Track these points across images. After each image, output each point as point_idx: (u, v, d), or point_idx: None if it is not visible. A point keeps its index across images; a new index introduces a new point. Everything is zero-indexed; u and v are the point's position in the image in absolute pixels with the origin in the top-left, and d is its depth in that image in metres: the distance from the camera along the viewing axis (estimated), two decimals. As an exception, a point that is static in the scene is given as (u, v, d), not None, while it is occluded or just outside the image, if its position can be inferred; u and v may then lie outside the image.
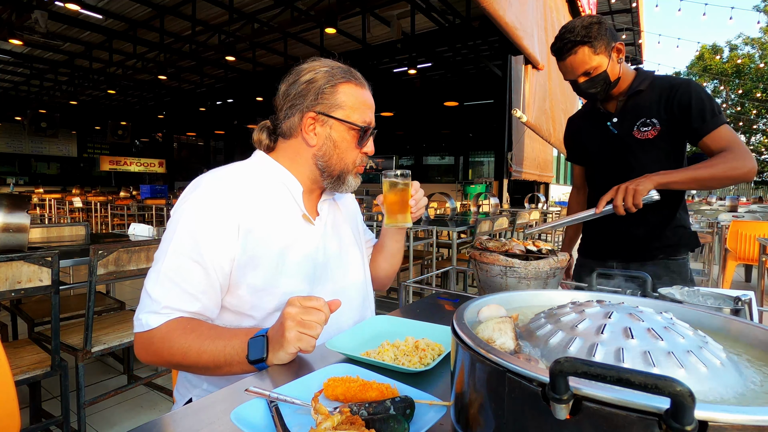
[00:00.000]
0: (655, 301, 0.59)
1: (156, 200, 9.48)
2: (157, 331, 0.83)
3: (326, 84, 0.95)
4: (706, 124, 1.33)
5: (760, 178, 26.29)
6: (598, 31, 1.37)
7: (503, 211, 5.93)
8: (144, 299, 0.86)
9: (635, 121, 1.46)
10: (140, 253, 1.99)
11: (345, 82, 0.97)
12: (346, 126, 0.97)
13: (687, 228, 1.52)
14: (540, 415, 0.33)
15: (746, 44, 24.99)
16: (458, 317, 0.48)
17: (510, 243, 1.10)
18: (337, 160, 0.98)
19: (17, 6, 7.71)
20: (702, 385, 0.38)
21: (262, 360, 0.77)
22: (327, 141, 0.97)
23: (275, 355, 0.77)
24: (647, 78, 1.47)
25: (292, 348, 0.75)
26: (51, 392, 2.39)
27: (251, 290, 0.90)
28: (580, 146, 1.70)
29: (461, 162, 17.69)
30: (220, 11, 8.89)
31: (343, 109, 0.96)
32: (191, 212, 0.88)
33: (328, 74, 0.96)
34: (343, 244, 1.09)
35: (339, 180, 1.00)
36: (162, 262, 0.86)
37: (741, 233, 4.26)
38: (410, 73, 11.42)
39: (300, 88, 0.96)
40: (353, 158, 1.00)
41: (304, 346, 0.76)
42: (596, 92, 1.44)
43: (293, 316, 0.76)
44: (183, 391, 0.99)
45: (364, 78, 1.03)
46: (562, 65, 1.45)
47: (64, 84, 14.05)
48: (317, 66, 0.98)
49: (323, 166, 0.99)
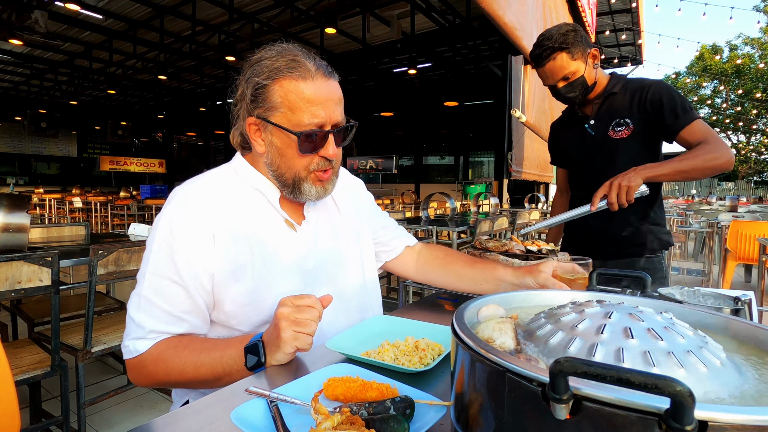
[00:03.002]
0: (655, 301, 0.59)
1: (156, 200, 9.49)
2: (148, 355, 0.81)
3: (264, 81, 0.83)
4: (680, 120, 1.40)
5: (760, 178, 26.30)
6: (574, 38, 1.43)
7: (503, 211, 5.94)
8: (129, 325, 0.83)
9: (610, 122, 1.53)
10: (140, 253, 1.99)
11: (283, 77, 0.83)
12: (284, 132, 0.84)
13: (662, 226, 1.58)
14: (540, 415, 0.33)
15: (746, 44, 24.98)
16: (458, 317, 0.48)
17: (510, 243, 1.10)
18: (285, 168, 0.88)
19: (17, 6, 7.71)
20: (702, 385, 0.38)
21: (261, 365, 0.76)
22: (270, 148, 0.87)
23: (273, 357, 0.76)
24: (620, 81, 1.54)
25: (289, 348, 0.74)
26: (51, 392, 2.39)
27: (236, 305, 0.86)
28: (562, 150, 1.77)
29: (461, 162, 17.69)
30: (220, 11, 8.89)
31: (280, 110, 0.83)
32: (164, 229, 0.83)
33: (268, 68, 0.84)
34: (340, 245, 1.03)
35: (295, 189, 0.90)
36: (142, 285, 0.83)
37: (741, 233, 4.26)
38: (410, 73, 11.42)
39: (243, 87, 0.87)
40: (305, 164, 0.88)
41: (301, 344, 0.75)
42: (575, 96, 1.51)
43: (286, 316, 0.74)
44: (180, 392, 0.99)
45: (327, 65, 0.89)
46: (542, 71, 1.51)
47: (64, 84, 14.05)
48: (262, 57, 0.86)
49: (275, 175, 0.90)
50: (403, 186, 15.54)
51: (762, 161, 25.58)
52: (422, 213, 4.69)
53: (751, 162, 25.50)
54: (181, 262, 0.82)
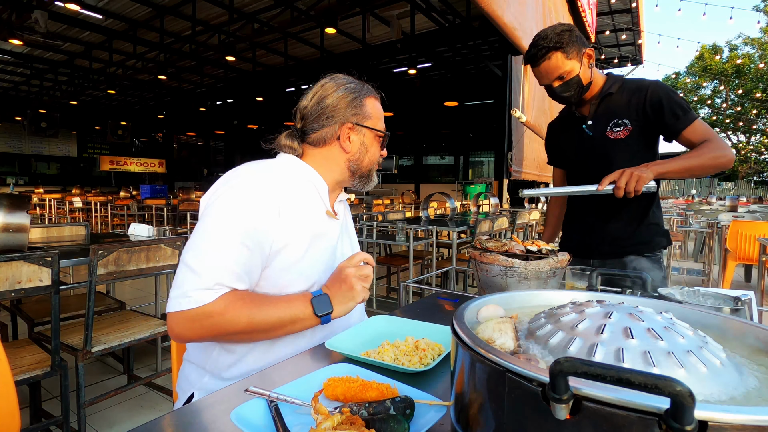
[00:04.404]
0: (655, 301, 0.59)
1: (156, 200, 9.48)
2: (215, 305, 0.85)
3: (358, 98, 1.10)
4: (681, 120, 1.42)
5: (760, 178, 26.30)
6: (569, 38, 1.44)
7: (503, 211, 5.94)
8: (187, 276, 0.87)
9: (608, 123, 1.54)
10: (140, 253, 2.00)
11: (369, 96, 1.13)
12: (374, 133, 1.12)
13: (660, 225, 1.58)
14: (540, 415, 0.33)
15: (746, 44, 24.97)
16: (458, 317, 0.48)
17: (510, 243, 1.10)
18: (368, 161, 1.13)
19: (17, 6, 7.71)
20: (702, 385, 0.38)
21: (329, 314, 0.92)
22: (361, 147, 1.11)
23: (344, 306, 0.94)
24: (617, 81, 1.55)
25: (359, 297, 0.96)
26: (51, 392, 2.39)
27: (276, 271, 0.97)
28: (559, 150, 1.78)
29: (461, 162, 17.69)
30: (220, 11, 8.89)
31: (371, 119, 1.12)
32: (234, 197, 0.92)
33: (356, 90, 1.10)
34: (352, 243, 1.22)
35: (368, 177, 1.15)
36: (204, 241, 0.89)
37: (741, 233, 4.26)
38: (410, 73, 11.41)
39: (335, 102, 1.08)
40: (378, 158, 1.16)
41: (366, 295, 0.98)
42: (570, 95, 1.51)
43: (355, 274, 0.96)
44: (185, 386, 0.99)
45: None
46: (537, 71, 1.52)
47: (64, 84, 14.05)
48: (343, 83, 1.11)
49: (356, 168, 1.12)
50: (403, 186, 15.54)
51: (762, 161, 25.57)
52: (422, 213, 4.69)
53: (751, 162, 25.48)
54: (251, 227, 0.91)
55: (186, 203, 8.89)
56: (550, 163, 1.87)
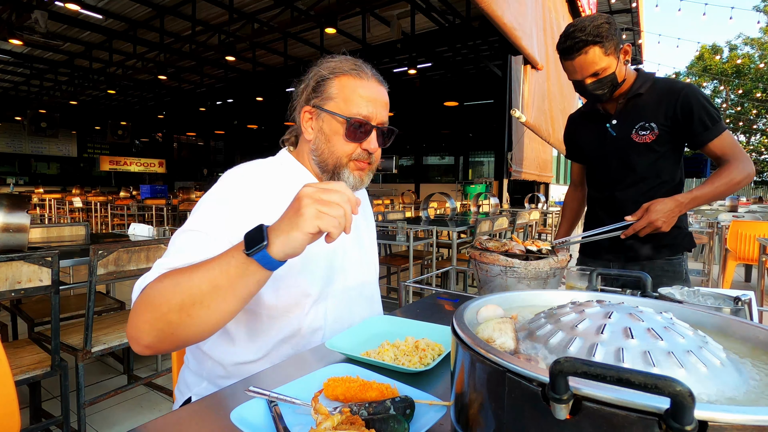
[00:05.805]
0: (655, 301, 0.59)
1: (156, 200, 9.48)
2: (150, 285, 0.74)
3: (327, 75, 0.94)
4: (709, 132, 1.38)
5: (760, 178, 26.29)
6: (608, 32, 1.34)
7: (503, 211, 5.94)
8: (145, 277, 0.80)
9: (634, 125, 1.47)
10: (140, 253, 1.99)
11: (343, 74, 0.94)
12: (335, 118, 0.93)
13: (684, 228, 1.54)
14: (540, 415, 0.33)
15: (746, 44, 24.99)
16: (458, 317, 0.48)
17: (510, 243, 1.10)
18: (329, 153, 0.95)
19: (17, 6, 7.71)
20: (702, 385, 0.38)
21: (262, 247, 0.65)
22: (319, 134, 0.96)
23: (287, 236, 0.65)
24: (648, 80, 1.46)
25: (308, 225, 0.64)
26: (51, 392, 2.39)
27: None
28: (578, 145, 1.71)
29: (461, 162, 17.69)
30: (220, 11, 8.89)
31: (335, 100, 0.93)
32: (209, 197, 0.90)
33: (330, 68, 0.95)
34: (361, 242, 1.11)
35: (334, 175, 0.96)
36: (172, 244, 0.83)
37: (741, 233, 4.26)
38: (410, 73, 11.41)
39: (306, 83, 0.98)
40: (347, 152, 0.95)
41: (325, 225, 0.65)
42: (603, 94, 1.42)
43: (310, 194, 0.66)
44: (183, 389, 0.99)
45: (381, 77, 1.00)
46: (570, 65, 1.40)
47: (64, 84, 14.05)
48: (327, 60, 0.98)
49: (317, 161, 0.97)
50: (403, 186, 15.53)
51: (762, 161, 25.57)
52: (422, 213, 4.69)
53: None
54: (213, 217, 0.85)
55: (186, 203, 8.90)
56: (568, 156, 1.80)
